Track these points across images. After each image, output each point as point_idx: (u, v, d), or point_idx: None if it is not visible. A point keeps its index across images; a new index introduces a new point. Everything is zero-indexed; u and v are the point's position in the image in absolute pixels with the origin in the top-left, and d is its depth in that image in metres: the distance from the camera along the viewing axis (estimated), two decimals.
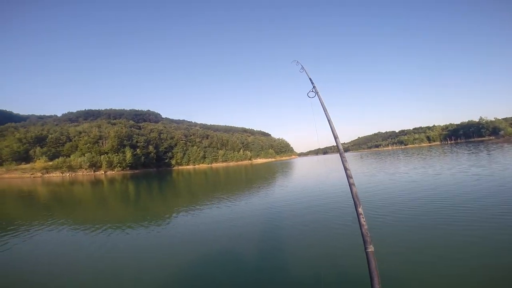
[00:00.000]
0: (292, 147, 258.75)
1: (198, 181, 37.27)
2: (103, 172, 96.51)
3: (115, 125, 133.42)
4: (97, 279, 5.97)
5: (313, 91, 2.98)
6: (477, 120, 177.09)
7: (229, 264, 6.35)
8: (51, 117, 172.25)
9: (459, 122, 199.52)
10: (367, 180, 19.35)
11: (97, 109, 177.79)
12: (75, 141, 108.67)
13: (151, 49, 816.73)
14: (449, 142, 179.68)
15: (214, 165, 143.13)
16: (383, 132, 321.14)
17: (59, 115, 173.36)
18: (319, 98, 2.92)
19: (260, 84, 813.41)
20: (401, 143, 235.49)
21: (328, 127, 2.61)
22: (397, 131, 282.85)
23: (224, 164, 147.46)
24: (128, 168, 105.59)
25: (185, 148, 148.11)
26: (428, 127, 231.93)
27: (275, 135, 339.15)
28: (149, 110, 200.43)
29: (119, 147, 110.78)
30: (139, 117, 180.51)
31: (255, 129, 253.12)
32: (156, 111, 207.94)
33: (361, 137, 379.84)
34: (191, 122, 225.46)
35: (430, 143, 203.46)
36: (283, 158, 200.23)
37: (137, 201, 20.19)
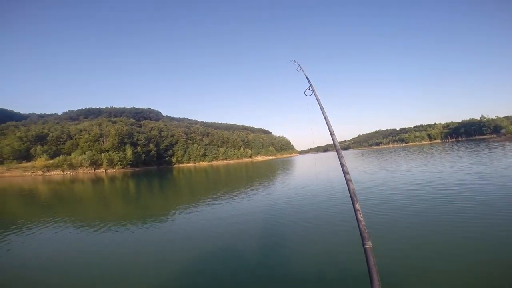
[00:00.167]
0: (292, 145, 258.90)
1: (199, 179, 37.38)
2: (104, 170, 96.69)
3: (115, 123, 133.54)
4: (102, 276, 6.06)
5: (309, 90, 3.01)
6: (478, 118, 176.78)
7: (232, 260, 6.45)
8: (52, 115, 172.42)
9: (460, 120, 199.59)
10: (368, 177, 19.41)
11: (97, 107, 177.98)
12: (75, 139, 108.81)
13: (152, 49, 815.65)
14: (450, 140, 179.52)
15: (214, 162, 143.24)
16: (384, 130, 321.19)
17: (59, 114, 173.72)
18: (315, 96, 2.94)
19: (261, 83, 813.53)
20: (401, 141, 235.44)
21: (326, 125, 2.65)
22: (398, 129, 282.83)
23: (224, 161, 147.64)
24: (128, 166, 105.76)
25: (185, 146, 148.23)
26: (429, 125, 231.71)
27: (276, 133, 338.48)
28: (149, 108, 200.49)
29: (119, 145, 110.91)
30: (140, 115, 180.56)
31: (255, 127, 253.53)
32: (156, 109, 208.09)
33: (361, 135, 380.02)
34: (192, 120, 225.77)
35: (431, 141, 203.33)
36: (284, 156, 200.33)
37: (139, 199, 20.31)
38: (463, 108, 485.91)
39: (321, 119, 2.70)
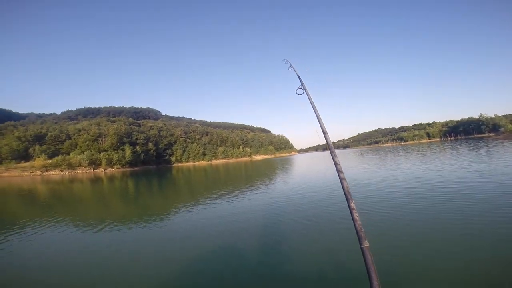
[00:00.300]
0: (291, 144, 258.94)
1: (198, 178, 37.37)
2: (103, 169, 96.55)
3: (114, 122, 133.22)
4: (102, 275, 6.07)
5: (301, 88, 3.03)
6: (477, 117, 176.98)
7: (232, 258, 6.47)
8: (50, 115, 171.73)
9: (459, 119, 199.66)
10: (368, 176, 19.46)
11: (96, 107, 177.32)
12: (74, 139, 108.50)
13: (152, 49, 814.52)
14: (449, 138, 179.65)
15: (213, 161, 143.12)
16: (383, 128, 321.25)
17: (58, 113, 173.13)
18: (307, 94, 2.96)
19: (260, 83, 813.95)
20: (401, 139, 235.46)
21: (324, 123, 2.64)
22: (397, 127, 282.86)
23: (223, 160, 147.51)
24: (127, 165, 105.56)
25: (184, 145, 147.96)
26: (428, 124, 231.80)
27: (275, 132, 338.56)
28: (148, 107, 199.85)
29: (118, 144, 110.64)
30: (139, 114, 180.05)
31: (255, 126, 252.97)
32: (156, 109, 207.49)
33: (360, 133, 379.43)
34: (191, 119, 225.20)
35: (429, 139, 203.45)
36: (283, 154, 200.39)
37: (138, 198, 20.30)
38: (463, 107, 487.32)
39: (315, 117, 2.71)
